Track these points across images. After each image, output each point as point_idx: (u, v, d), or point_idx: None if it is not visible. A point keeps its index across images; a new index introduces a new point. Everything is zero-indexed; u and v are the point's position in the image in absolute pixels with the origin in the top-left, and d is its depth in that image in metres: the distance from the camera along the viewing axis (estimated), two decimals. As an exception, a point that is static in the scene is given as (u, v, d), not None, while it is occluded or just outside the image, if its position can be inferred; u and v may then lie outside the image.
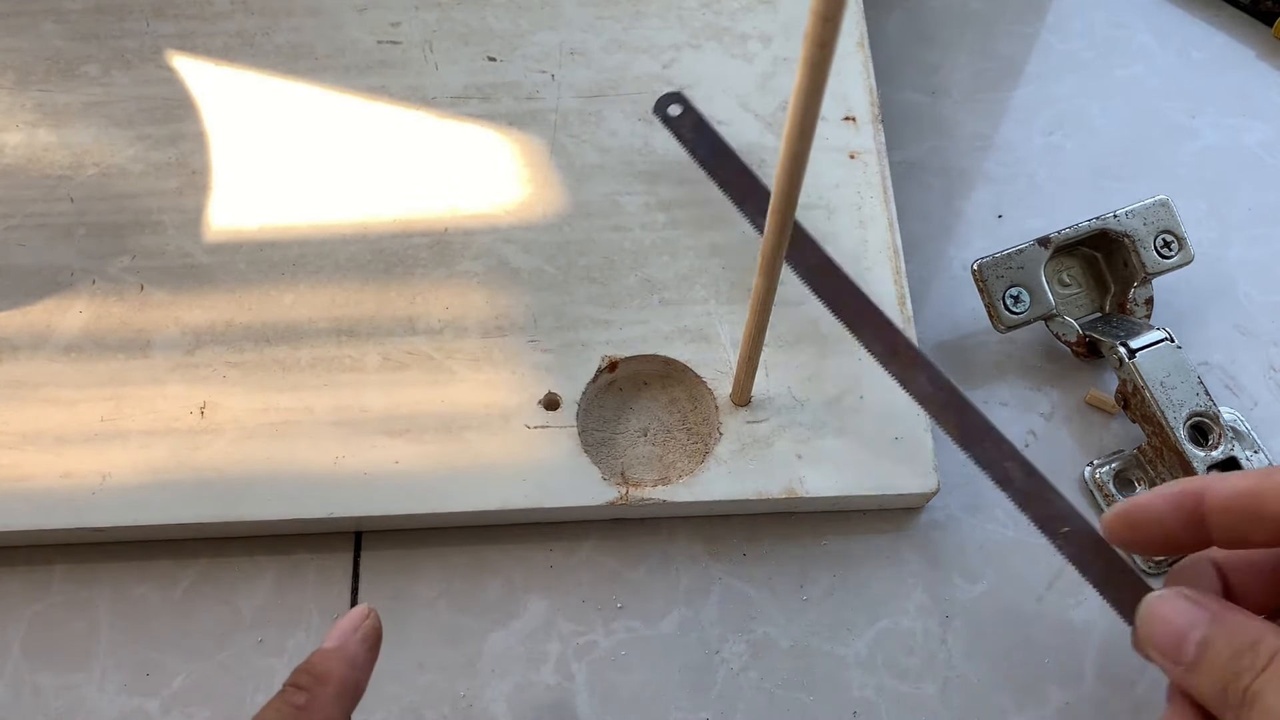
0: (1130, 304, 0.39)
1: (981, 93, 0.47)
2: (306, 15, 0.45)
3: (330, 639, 0.29)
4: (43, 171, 0.41)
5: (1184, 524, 0.28)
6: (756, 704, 0.34)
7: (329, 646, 0.29)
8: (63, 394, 0.37)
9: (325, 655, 0.28)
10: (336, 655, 0.28)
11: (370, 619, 0.29)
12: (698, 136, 0.39)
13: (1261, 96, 0.47)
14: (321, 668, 0.28)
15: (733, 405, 0.37)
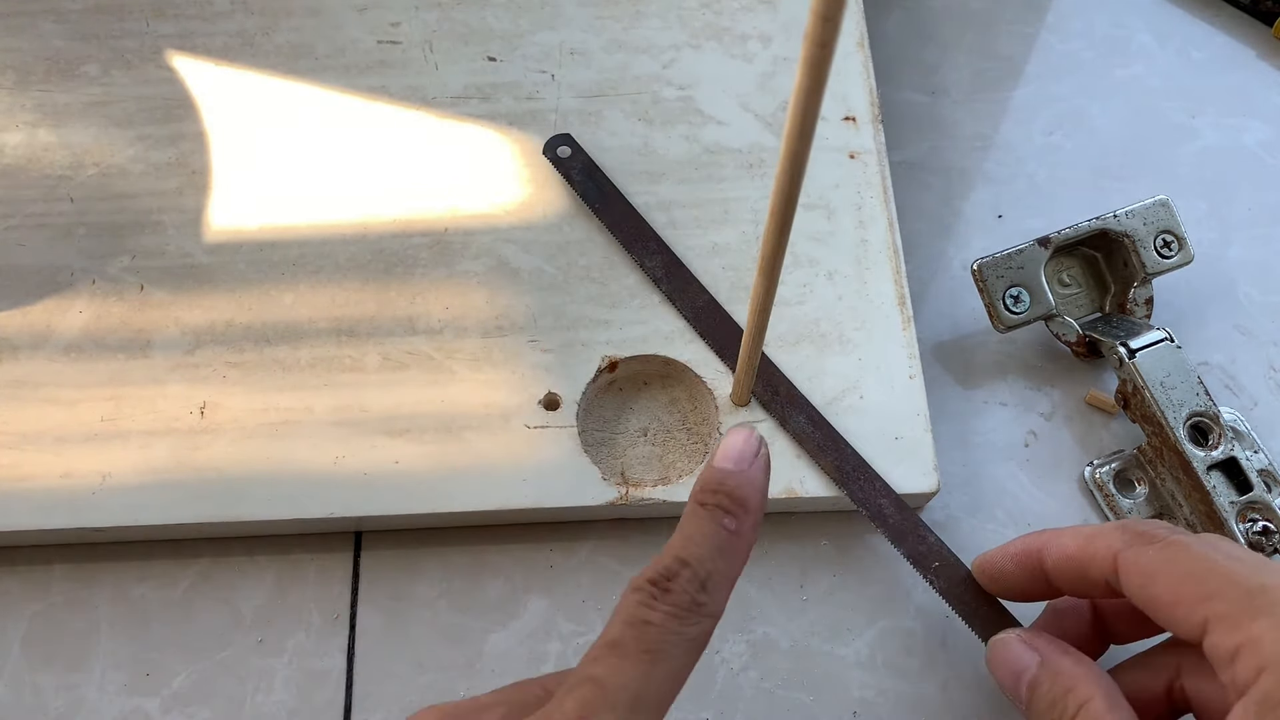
0: (1130, 304, 0.39)
1: (981, 93, 0.47)
2: (306, 15, 0.45)
3: (727, 459, 0.26)
4: (43, 171, 0.41)
5: (1030, 578, 0.31)
6: (756, 704, 0.34)
7: (732, 469, 0.25)
8: (63, 394, 0.37)
9: (740, 480, 0.25)
10: (750, 482, 0.26)
11: (765, 447, 0.26)
12: (587, 179, 0.40)
13: (1261, 96, 0.47)
14: (741, 493, 0.25)
15: (733, 405, 0.37)
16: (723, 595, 0.25)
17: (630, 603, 0.24)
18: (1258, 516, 0.35)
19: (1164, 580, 0.26)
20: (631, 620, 0.23)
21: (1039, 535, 0.31)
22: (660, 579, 0.24)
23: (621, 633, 0.23)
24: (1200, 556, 0.26)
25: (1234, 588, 0.24)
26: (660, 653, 0.23)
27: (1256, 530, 0.35)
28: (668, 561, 0.24)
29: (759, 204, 0.41)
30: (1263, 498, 0.35)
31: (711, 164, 0.42)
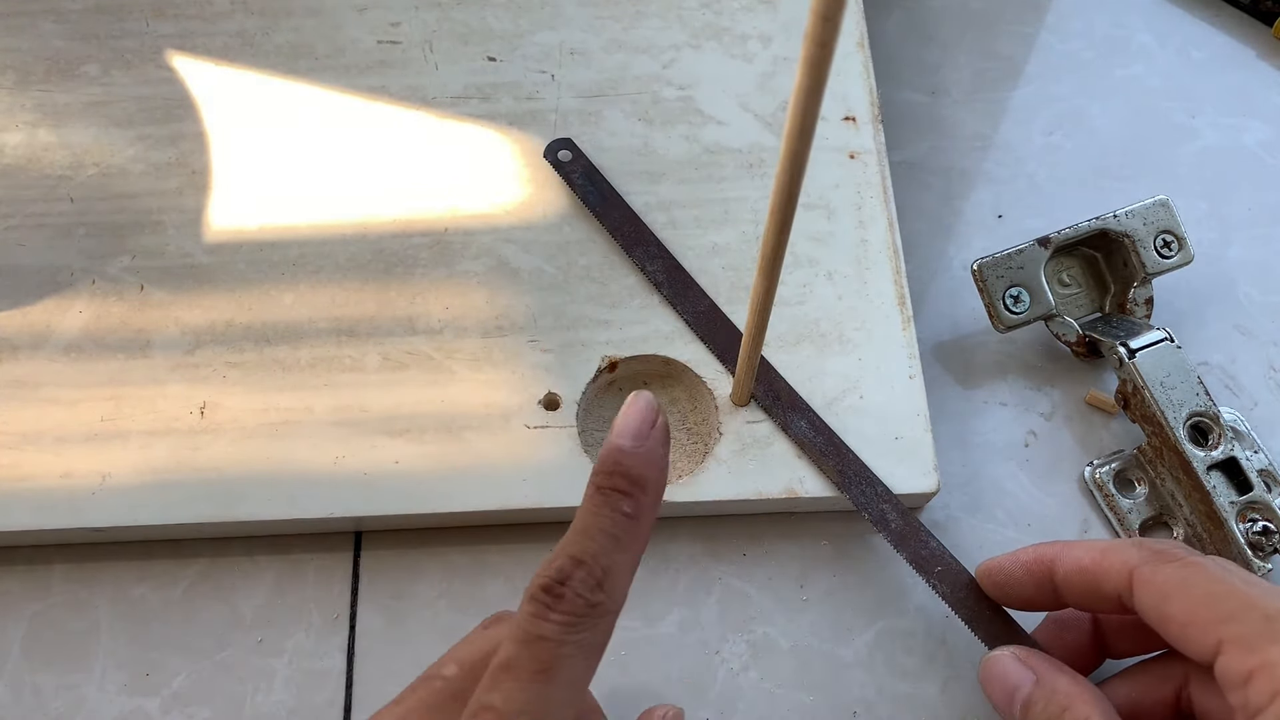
0: (1130, 304, 0.39)
1: (981, 93, 0.47)
2: (306, 15, 0.45)
3: (624, 436, 0.24)
4: (43, 171, 0.41)
5: (1038, 588, 0.31)
6: (756, 704, 0.34)
7: (629, 447, 0.24)
8: (63, 394, 0.37)
9: (636, 459, 0.24)
10: (647, 460, 0.24)
11: (662, 415, 0.25)
12: (588, 183, 0.40)
13: (1261, 96, 0.47)
14: (638, 472, 0.24)
15: (732, 405, 0.37)
16: (622, 587, 0.24)
17: (524, 616, 0.23)
18: (1258, 516, 0.35)
19: (1180, 599, 0.26)
20: (525, 638, 0.22)
21: (1051, 545, 0.31)
22: (553, 584, 0.23)
23: (515, 653, 0.22)
24: (1217, 578, 0.26)
25: (1251, 611, 0.24)
26: (556, 668, 0.22)
27: (1256, 530, 0.35)
28: (560, 562, 0.23)
29: (759, 204, 0.41)
30: (1263, 498, 0.35)
31: (711, 164, 0.42)
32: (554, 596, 0.23)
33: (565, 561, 0.23)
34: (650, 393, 0.25)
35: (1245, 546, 0.35)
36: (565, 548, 0.23)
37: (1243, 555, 0.35)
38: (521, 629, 0.23)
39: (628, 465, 0.24)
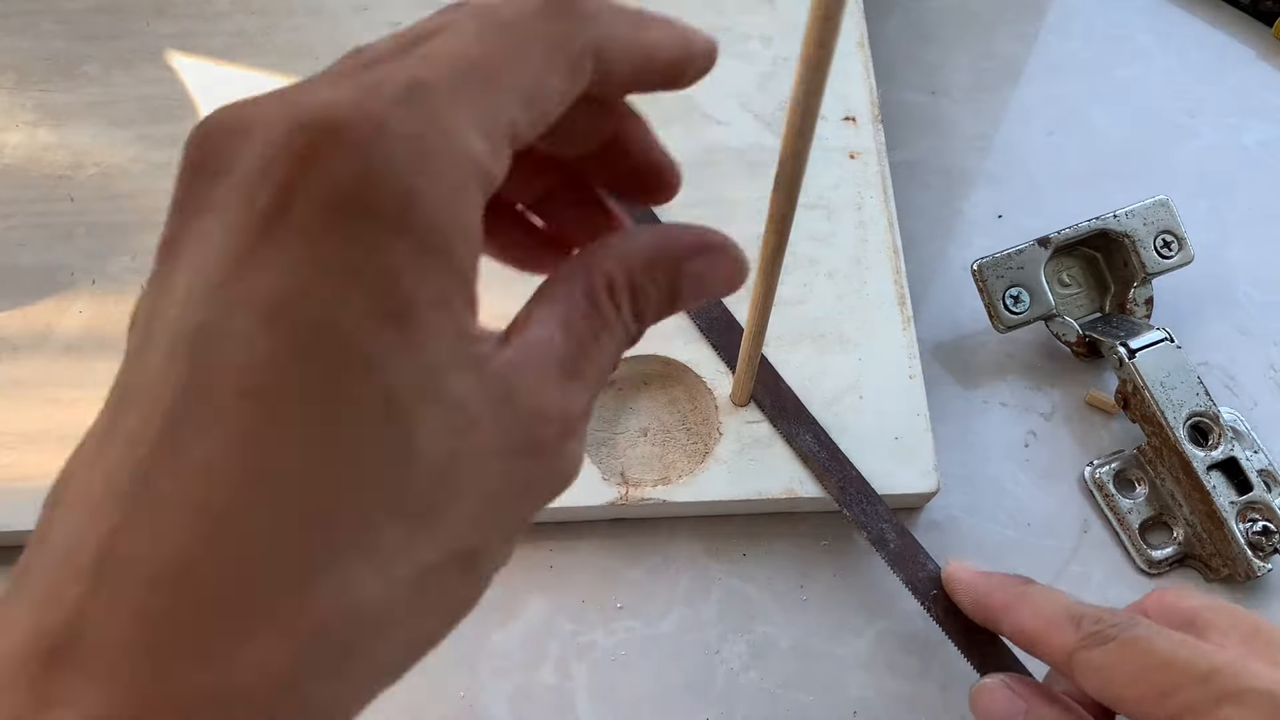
0: (1130, 304, 0.39)
1: (981, 93, 0.47)
2: (307, 15, 0.45)
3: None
4: (43, 171, 0.41)
5: (983, 624, 0.31)
6: (756, 704, 0.34)
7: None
8: (63, 394, 0.37)
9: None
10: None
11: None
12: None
13: (1261, 96, 0.47)
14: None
15: (733, 405, 0.37)
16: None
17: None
18: (1258, 516, 0.35)
19: (1121, 680, 0.26)
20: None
21: (1003, 592, 0.30)
22: None
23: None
24: (1150, 650, 0.26)
25: (1188, 677, 0.24)
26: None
27: (1256, 530, 0.35)
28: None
29: (759, 204, 0.41)
30: (1263, 498, 0.35)
31: (711, 164, 0.42)
32: None
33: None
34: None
35: (1245, 546, 0.35)
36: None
37: (1243, 555, 0.35)
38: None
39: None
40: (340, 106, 0.16)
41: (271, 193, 0.16)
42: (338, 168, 0.16)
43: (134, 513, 0.15)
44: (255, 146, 0.16)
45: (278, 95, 0.17)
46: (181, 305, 0.16)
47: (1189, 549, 0.36)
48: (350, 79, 0.17)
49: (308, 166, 0.16)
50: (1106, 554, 0.37)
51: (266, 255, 0.16)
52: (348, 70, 0.18)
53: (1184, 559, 0.36)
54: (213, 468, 0.15)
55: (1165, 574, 0.36)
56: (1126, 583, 0.36)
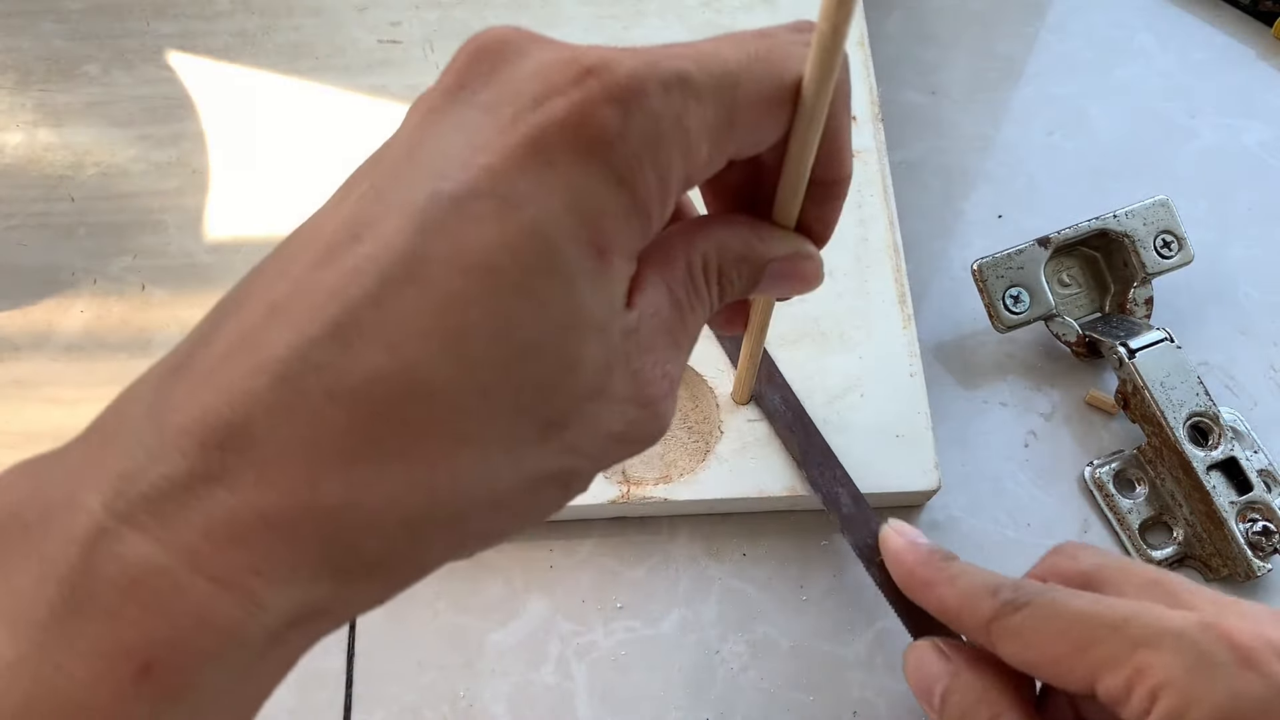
0: (1130, 304, 0.39)
1: (981, 93, 0.47)
2: (307, 15, 0.45)
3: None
4: (43, 171, 0.41)
5: (909, 594, 0.31)
6: (756, 704, 0.34)
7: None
8: (64, 393, 0.37)
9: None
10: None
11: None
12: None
13: (1261, 96, 0.47)
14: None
15: (734, 404, 0.37)
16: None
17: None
18: (1258, 516, 0.35)
19: (1037, 644, 0.26)
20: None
21: (926, 567, 0.30)
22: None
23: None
24: (1063, 609, 0.25)
25: (1103, 629, 0.24)
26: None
27: (1256, 530, 0.35)
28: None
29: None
30: (1263, 498, 0.35)
31: (712, 164, 0.42)
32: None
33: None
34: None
35: (1245, 546, 0.35)
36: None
37: (1243, 555, 0.35)
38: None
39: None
40: (622, 66, 0.19)
41: (540, 110, 0.18)
42: (600, 112, 0.18)
43: (330, 334, 0.17)
44: (540, 65, 0.19)
45: (562, 43, 0.20)
46: (428, 177, 0.18)
47: (1189, 549, 0.36)
48: (630, 51, 0.19)
49: (580, 103, 0.18)
50: (1106, 554, 0.37)
51: (513, 159, 0.18)
52: (622, 47, 0.20)
53: (1184, 559, 0.36)
54: (415, 320, 0.17)
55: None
56: (1126, 582, 0.36)
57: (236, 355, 0.17)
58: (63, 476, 0.17)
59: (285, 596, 0.16)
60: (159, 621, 0.15)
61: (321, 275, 0.17)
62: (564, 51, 0.19)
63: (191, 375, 0.17)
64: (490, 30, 0.20)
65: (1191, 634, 0.23)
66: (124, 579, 0.15)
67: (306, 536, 0.16)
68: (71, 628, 0.15)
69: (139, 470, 0.16)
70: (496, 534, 0.20)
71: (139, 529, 0.16)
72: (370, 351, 0.17)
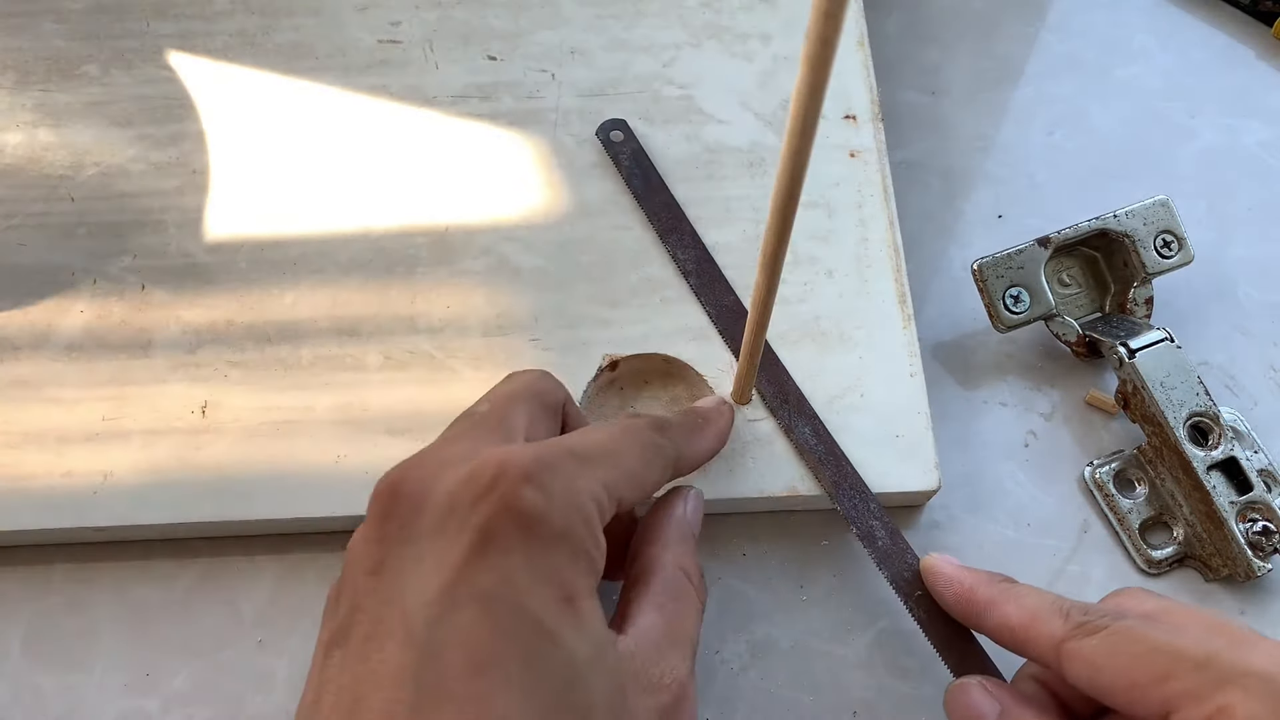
0: (1130, 304, 0.39)
1: (981, 93, 0.47)
2: (307, 14, 0.45)
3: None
4: (43, 171, 0.41)
5: (964, 621, 0.32)
6: (756, 704, 0.34)
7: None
8: (64, 393, 0.37)
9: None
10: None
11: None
12: (634, 165, 0.40)
13: (1261, 96, 0.47)
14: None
15: (734, 404, 0.37)
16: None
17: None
18: (1258, 516, 0.35)
19: (1112, 669, 0.26)
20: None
21: (988, 587, 0.30)
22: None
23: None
24: (1143, 638, 0.26)
25: (1186, 663, 0.24)
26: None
27: (1256, 530, 0.35)
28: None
29: (760, 202, 0.41)
30: (1263, 498, 0.35)
31: (712, 163, 0.42)
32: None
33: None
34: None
35: (1245, 546, 0.35)
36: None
37: (1243, 555, 0.35)
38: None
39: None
40: (515, 456, 0.23)
41: (478, 516, 0.23)
42: (528, 500, 0.23)
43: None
44: (456, 488, 0.24)
45: (452, 452, 0.25)
46: (415, 606, 0.22)
47: (1189, 549, 0.36)
48: (516, 446, 0.25)
49: (501, 497, 0.23)
50: (1106, 554, 0.37)
51: (476, 562, 0.22)
52: (480, 432, 0.26)
53: (1184, 559, 0.36)
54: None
55: (1165, 574, 0.36)
56: (1126, 583, 0.36)
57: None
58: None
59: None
60: None
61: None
62: (462, 467, 0.24)
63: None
64: (386, 477, 0.25)
65: (1277, 677, 0.23)
66: None
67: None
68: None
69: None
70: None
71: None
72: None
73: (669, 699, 0.25)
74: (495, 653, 0.21)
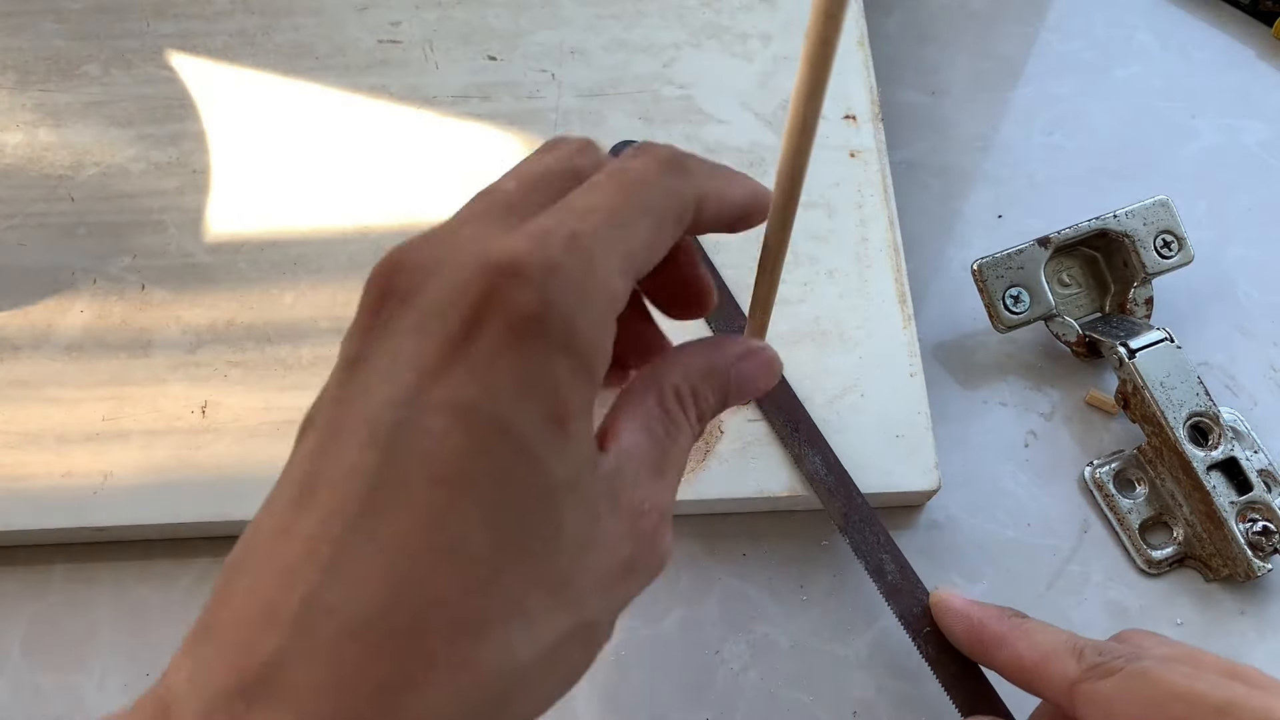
0: (1130, 304, 0.39)
1: (981, 93, 0.47)
2: (307, 14, 0.45)
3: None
4: (43, 171, 0.41)
5: (972, 655, 0.31)
6: (756, 704, 0.34)
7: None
8: (64, 393, 0.37)
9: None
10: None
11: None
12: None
13: (1261, 96, 0.47)
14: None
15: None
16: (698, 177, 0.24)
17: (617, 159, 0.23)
18: (1258, 516, 0.35)
19: (1129, 713, 0.25)
20: (612, 168, 0.23)
21: (999, 622, 0.30)
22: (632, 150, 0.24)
23: (601, 174, 0.23)
24: (1159, 681, 0.25)
25: (1205, 708, 0.24)
26: (637, 192, 0.22)
27: (1256, 530, 0.35)
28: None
29: (759, 204, 0.41)
30: (1263, 498, 0.35)
31: (712, 164, 0.42)
32: (639, 149, 0.24)
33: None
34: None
35: (1245, 546, 0.35)
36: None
37: (1243, 555, 0.35)
38: (612, 163, 0.23)
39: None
40: (520, 252, 0.20)
41: (463, 316, 0.20)
42: (520, 299, 0.19)
43: (332, 576, 0.18)
44: (445, 279, 0.20)
45: (455, 238, 0.21)
46: (378, 405, 0.19)
47: (1189, 549, 0.36)
48: (520, 231, 0.21)
49: (495, 298, 0.20)
50: (1106, 554, 0.37)
51: (457, 366, 0.19)
52: (495, 215, 0.22)
53: (1184, 559, 0.36)
54: (406, 540, 0.18)
55: (1165, 574, 0.36)
56: (1126, 583, 0.36)
57: (252, 614, 0.18)
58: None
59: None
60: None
61: (305, 521, 0.19)
62: (463, 255, 0.21)
63: (218, 638, 0.19)
64: (386, 258, 0.22)
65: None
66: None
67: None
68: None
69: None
70: (542, 707, 0.21)
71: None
72: (373, 583, 0.18)
73: (647, 526, 0.22)
74: (464, 468, 0.19)
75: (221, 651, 0.18)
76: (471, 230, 0.22)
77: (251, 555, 0.20)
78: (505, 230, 0.21)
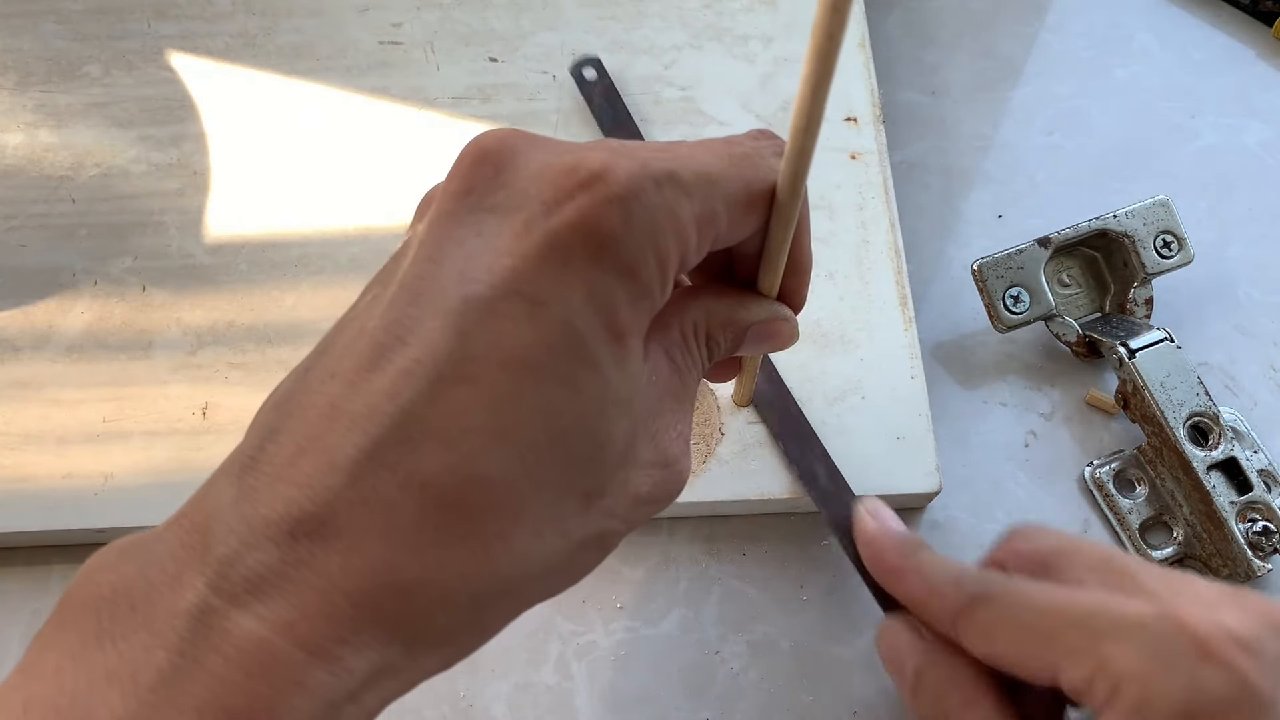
0: (1130, 304, 0.39)
1: (981, 93, 0.47)
2: (308, 16, 0.45)
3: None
4: (44, 172, 0.41)
5: (882, 584, 0.31)
6: (756, 704, 0.34)
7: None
8: (65, 395, 0.37)
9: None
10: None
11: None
12: (605, 104, 0.41)
13: (1261, 96, 0.47)
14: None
15: (734, 406, 0.37)
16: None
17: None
18: (1258, 516, 0.35)
19: (1004, 638, 0.25)
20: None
21: (894, 555, 0.30)
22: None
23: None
24: (1030, 604, 0.25)
25: (1064, 622, 0.24)
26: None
27: (1256, 530, 0.35)
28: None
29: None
30: (1263, 498, 0.35)
31: (712, 164, 0.42)
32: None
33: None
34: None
35: (1245, 546, 0.35)
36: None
37: (1243, 555, 0.35)
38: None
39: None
40: (618, 169, 0.21)
41: (550, 213, 0.20)
42: (604, 213, 0.20)
43: (394, 435, 0.19)
44: (543, 170, 0.21)
45: (556, 143, 0.22)
46: (457, 279, 0.20)
47: (1189, 549, 0.36)
48: (623, 154, 0.21)
49: (583, 205, 0.20)
50: (1107, 554, 0.37)
51: (533, 261, 0.20)
52: (613, 147, 0.22)
53: (1184, 559, 0.36)
54: (468, 416, 0.19)
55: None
56: (1127, 582, 0.36)
57: (309, 455, 0.19)
58: (163, 560, 0.19)
59: (365, 660, 0.19)
60: (261, 686, 0.18)
61: (375, 378, 0.20)
62: (563, 155, 0.21)
63: (268, 472, 0.19)
64: (489, 133, 0.23)
65: (1151, 626, 0.23)
66: (230, 649, 0.18)
67: (385, 611, 0.19)
68: (179, 690, 0.18)
69: (236, 556, 0.18)
70: (547, 595, 0.22)
71: (241, 606, 0.18)
72: (432, 448, 0.19)
73: (674, 452, 0.24)
74: (532, 358, 0.20)
75: (272, 484, 0.19)
76: (580, 146, 0.22)
77: (307, 397, 0.20)
78: (604, 149, 0.22)
